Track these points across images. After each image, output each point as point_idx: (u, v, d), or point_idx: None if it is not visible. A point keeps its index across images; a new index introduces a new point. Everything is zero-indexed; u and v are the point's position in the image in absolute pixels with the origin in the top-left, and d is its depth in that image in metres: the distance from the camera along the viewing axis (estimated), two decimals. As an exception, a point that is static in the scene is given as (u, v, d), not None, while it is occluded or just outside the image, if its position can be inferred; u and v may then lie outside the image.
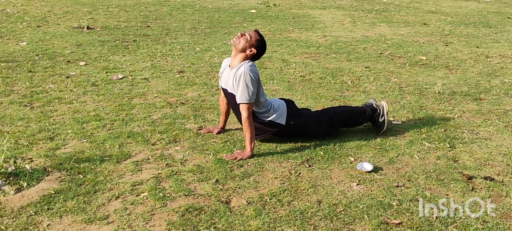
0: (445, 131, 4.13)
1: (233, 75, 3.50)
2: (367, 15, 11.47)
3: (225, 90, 3.66)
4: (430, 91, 5.29)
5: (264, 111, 3.65)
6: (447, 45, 7.99)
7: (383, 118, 3.98)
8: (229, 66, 3.59)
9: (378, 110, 4.01)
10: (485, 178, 3.28)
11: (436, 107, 4.76)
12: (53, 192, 2.92)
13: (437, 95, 5.16)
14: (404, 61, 6.75)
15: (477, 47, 7.89)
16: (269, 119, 3.66)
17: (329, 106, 4.61)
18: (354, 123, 4.03)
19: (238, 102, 3.48)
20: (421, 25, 10.16)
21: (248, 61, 3.52)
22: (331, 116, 3.87)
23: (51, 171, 3.18)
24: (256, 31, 3.60)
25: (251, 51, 3.52)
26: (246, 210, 2.80)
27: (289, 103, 3.82)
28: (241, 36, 3.54)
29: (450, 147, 3.81)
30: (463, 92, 5.28)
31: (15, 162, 3.14)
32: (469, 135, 4.06)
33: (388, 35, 8.89)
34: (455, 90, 5.37)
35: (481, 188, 3.15)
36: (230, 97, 3.61)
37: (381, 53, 7.28)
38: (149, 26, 9.20)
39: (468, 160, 3.58)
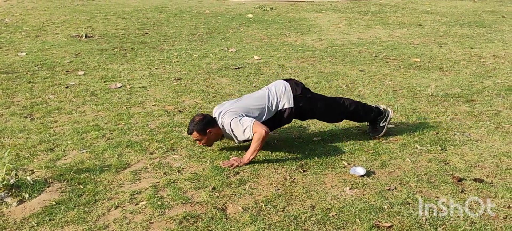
0: (437, 133, 4.22)
1: (233, 137, 3.71)
2: (363, 17, 11.57)
3: None
4: (424, 94, 5.38)
5: (264, 111, 3.75)
6: (441, 46, 8.08)
7: (384, 124, 4.08)
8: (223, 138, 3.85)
9: (384, 114, 4.10)
10: (475, 180, 3.36)
11: (429, 110, 4.85)
12: (54, 203, 3.01)
13: (430, 97, 5.25)
14: (398, 64, 6.84)
15: (471, 48, 7.99)
16: (280, 108, 3.78)
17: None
18: (358, 117, 4.13)
19: (249, 138, 3.60)
20: (416, 26, 10.26)
21: (218, 131, 3.71)
22: (341, 104, 4.00)
23: (52, 182, 3.27)
24: (189, 132, 3.71)
25: (210, 132, 3.68)
26: (241, 217, 2.89)
27: (293, 84, 3.87)
28: (199, 143, 3.74)
29: (442, 149, 3.90)
30: (456, 94, 5.37)
31: (16, 174, 3.23)
32: (460, 137, 4.15)
33: (383, 37, 8.98)
34: (448, 92, 5.46)
35: (471, 189, 3.24)
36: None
37: (376, 56, 7.38)
38: (146, 33, 9.29)
39: (458, 162, 3.67)
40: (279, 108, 3.78)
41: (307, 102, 3.84)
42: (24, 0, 13.86)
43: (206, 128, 3.66)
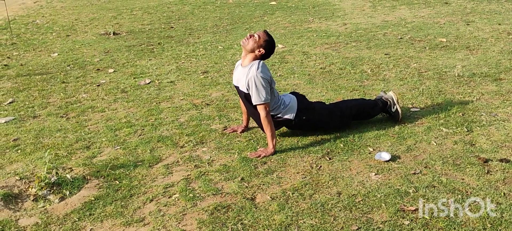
0: (463, 114, 4.23)
1: (245, 75, 3.68)
2: (388, -2, 11.43)
3: (237, 88, 3.87)
4: (450, 75, 5.36)
5: (275, 108, 3.83)
6: (468, 24, 7.97)
7: (395, 107, 4.11)
8: (241, 65, 3.80)
9: (388, 102, 4.13)
10: (501, 160, 3.38)
11: (455, 91, 4.84)
12: (93, 198, 3.19)
13: (457, 78, 5.24)
14: (424, 45, 6.80)
15: (499, 24, 7.85)
16: (279, 115, 3.85)
17: (349, 97, 4.75)
18: (366, 115, 4.16)
19: (254, 104, 3.67)
20: (442, 4, 10.10)
21: (258, 61, 3.69)
22: (343, 109, 4.03)
23: (90, 179, 3.45)
24: (265, 32, 3.75)
25: (259, 51, 3.68)
26: (270, 206, 3.00)
27: (301, 98, 3.98)
28: (250, 37, 3.70)
29: (468, 130, 3.91)
30: (483, 73, 5.33)
31: (57, 173, 3.42)
32: (487, 117, 4.15)
33: (409, 18, 8.90)
34: (475, 71, 5.42)
35: (497, 170, 3.27)
36: (242, 94, 3.82)
37: (401, 38, 7.34)
38: (172, 27, 9.46)
39: (485, 143, 3.69)
40: (278, 115, 3.83)
41: (311, 114, 3.91)
42: (53, 0, 14.22)
43: (265, 49, 3.67)
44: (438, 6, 9.91)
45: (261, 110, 3.65)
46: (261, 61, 3.71)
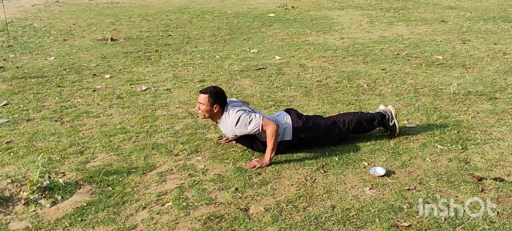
0: (458, 132, 4.24)
1: (227, 129, 3.81)
2: (385, 14, 11.52)
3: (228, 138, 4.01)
4: (445, 92, 5.38)
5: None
6: (464, 43, 8.02)
7: (393, 122, 4.12)
8: (217, 123, 3.95)
9: (387, 116, 4.13)
10: (495, 179, 3.39)
11: (450, 109, 4.85)
12: (85, 204, 3.16)
13: (452, 96, 5.25)
14: (420, 62, 6.83)
15: (495, 43, 7.90)
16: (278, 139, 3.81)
17: (344, 111, 4.75)
18: (363, 130, 4.15)
19: (257, 133, 3.71)
20: (439, 22, 10.18)
21: (223, 113, 3.81)
22: (342, 124, 4.02)
23: (82, 184, 3.43)
24: (202, 92, 3.81)
25: (215, 108, 3.78)
26: (263, 217, 2.98)
27: (295, 116, 3.93)
28: (200, 108, 3.80)
29: (462, 148, 3.92)
30: (478, 92, 5.36)
31: (49, 177, 3.39)
32: (481, 136, 4.16)
33: (406, 34, 8.95)
34: (470, 90, 5.45)
35: (491, 189, 3.27)
36: (237, 140, 3.93)
37: (397, 54, 7.37)
38: (170, 35, 9.46)
39: (479, 161, 3.69)
40: (278, 140, 3.82)
41: (309, 132, 3.90)
42: (51, 4, 14.23)
43: (217, 102, 3.77)
44: (435, 24, 9.98)
45: (266, 128, 3.65)
46: (226, 111, 3.79)
